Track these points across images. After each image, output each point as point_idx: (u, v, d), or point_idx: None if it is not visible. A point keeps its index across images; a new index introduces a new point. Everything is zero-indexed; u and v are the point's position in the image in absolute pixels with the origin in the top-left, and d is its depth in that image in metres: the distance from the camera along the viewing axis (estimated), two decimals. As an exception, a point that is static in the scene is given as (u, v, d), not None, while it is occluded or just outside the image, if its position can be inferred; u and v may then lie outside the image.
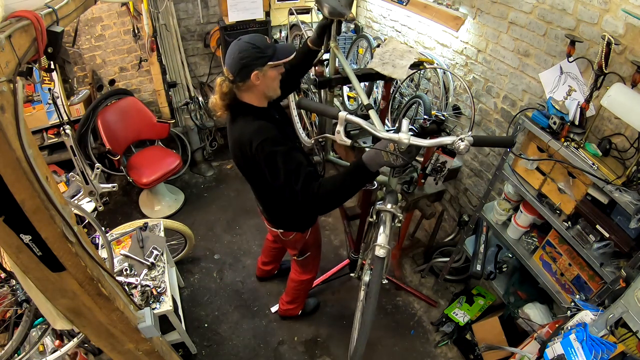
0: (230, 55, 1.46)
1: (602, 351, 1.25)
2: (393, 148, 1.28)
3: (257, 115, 1.53)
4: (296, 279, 2.26)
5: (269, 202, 1.82)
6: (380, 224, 1.44)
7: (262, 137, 1.43)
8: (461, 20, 2.26)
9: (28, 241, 0.87)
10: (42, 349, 1.60)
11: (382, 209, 1.46)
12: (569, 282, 1.76)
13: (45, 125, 2.94)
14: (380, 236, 1.40)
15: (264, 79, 1.48)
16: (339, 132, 1.29)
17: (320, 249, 2.23)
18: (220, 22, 3.17)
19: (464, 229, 2.29)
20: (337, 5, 1.75)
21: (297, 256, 2.12)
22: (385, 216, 1.44)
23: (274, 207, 1.83)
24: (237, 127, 1.53)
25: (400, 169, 1.47)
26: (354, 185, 1.40)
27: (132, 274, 1.96)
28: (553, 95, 1.80)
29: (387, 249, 1.37)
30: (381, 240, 1.38)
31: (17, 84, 0.74)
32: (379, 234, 1.41)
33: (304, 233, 1.95)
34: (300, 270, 2.22)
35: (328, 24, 1.84)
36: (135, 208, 3.30)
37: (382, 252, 1.37)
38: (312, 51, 1.86)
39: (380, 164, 1.33)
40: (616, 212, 1.49)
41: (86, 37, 3.02)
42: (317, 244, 2.16)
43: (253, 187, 1.76)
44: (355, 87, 1.85)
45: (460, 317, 2.42)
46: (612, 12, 1.52)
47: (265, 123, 1.49)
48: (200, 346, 2.35)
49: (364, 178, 1.37)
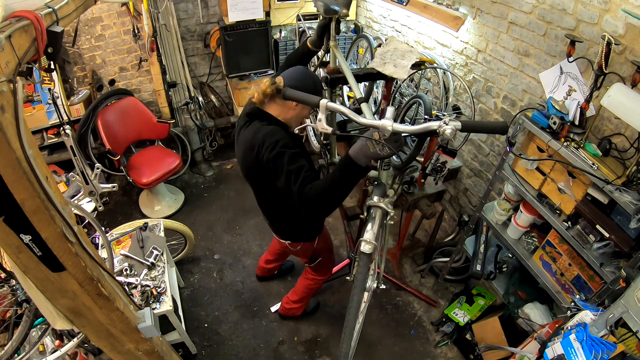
0: (301, 75, 1.55)
1: (602, 351, 1.25)
2: (378, 137, 1.23)
3: (273, 122, 1.56)
4: (311, 278, 2.23)
5: (275, 213, 1.81)
6: (369, 220, 1.39)
7: (275, 139, 1.44)
8: (461, 20, 2.26)
9: (28, 241, 0.87)
10: (42, 349, 1.60)
11: (371, 204, 1.41)
12: (569, 282, 1.76)
13: (45, 125, 2.94)
14: (367, 232, 1.34)
15: (299, 110, 1.57)
16: (320, 120, 1.28)
17: (332, 252, 2.20)
18: (220, 22, 3.18)
19: (464, 229, 2.29)
20: (330, 2, 1.75)
21: (308, 263, 2.10)
22: (375, 212, 1.40)
23: (280, 218, 1.82)
24: (251, 129, 1.54)
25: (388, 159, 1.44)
26: (345, 183, 1.33)
27: (132, 274, 1.96)
28: (553, 95, 1.80)
29: (373, 244, 1.31)
30: (367, 236, 1.33)
31: (17, 84, 0.74)
32: (366, 230, 1.36)
33: (312, 242, 1.92)
34: (313, 274, 2.21)
35: (327, 24, 1.84)
36: (135, 208, 3.30)
37: (368, 247, 1.31)
38: (310, 52, 1.87)
39: (367, 155, 1.27)
40: (616, 212, 1.49)
41: (86, 37, 3.02)
42: (327, 249, 2.13)
43: (259, 196, 1.75)
44: (350, 83, 1.84)
45: (460, 317, 2.42)
46: (612, 12, 1.52)
47: (279, 129, 1.52)
48: (200, 346, 2.35)
49: (354, 174, 1.31)
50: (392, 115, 1.23)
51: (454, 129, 1.14)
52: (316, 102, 1.29)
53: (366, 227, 1.37)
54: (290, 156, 1.41)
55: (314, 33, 1.85)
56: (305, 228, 1.86)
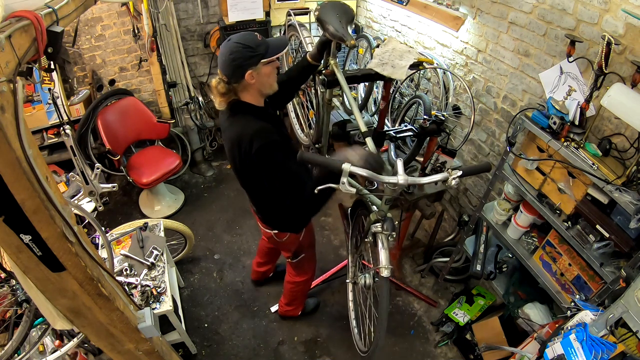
0: (222, 57, 1.45)
1: (602, 351, 1.25)
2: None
3: (257, 115, 1.53)
4: (291, 281, 2.26)
5: (263, 203, 1.82)
6: (379, 244, 1.54)
7: (264, 141, 1.44)
8: (461, 20, 2.26)
9: (28, 241, 0.87)
10: (42, 349, 1.60)
11: (377, 232, 1.55)
12: (569, 282, 1.76)
13: (45, 125, 2.94)
14: (382, 259, 1.50)
15: (258, 77, 1.47)
16: (343, 182, 1.32)
17: (314, 250, 2.22)
18: (220, 22, 3.18)
19: (464, 229, 2.29)
20: (339, 27, 1.74)
21: (291, 258, 2.11)
22: (382, 237, 1.55)
23: (268, 207, 1.83)
24: (236, 124, 1.53)
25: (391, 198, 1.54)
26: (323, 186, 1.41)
27: (132, 274, 1.96)
28: (553, 95, 1.80)
29: (390, 268, 1.49)
30: (384, 262, 1.50)
31: (17, 84, 0.74)
32: (380, 256, 1.51)
33: (298, 234, 1.95)
34: (294, 273, 2.22)
35: (328, 41, 1.84)
36: (135, 208, 3.30)
37: (387, 272, 1.49)
38: (311, 65, 1.87)
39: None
40: (616, 212, 1.49)
41: (86, 37, 3.02)
42: (311, 245, 2.16)
43: (247, 187, 1.75)
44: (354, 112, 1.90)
45: (460, 317, 2.42)
46: (612, 12, 1.52)
47: (266, 125, 1.50)
48: (200, 346, 2.35)
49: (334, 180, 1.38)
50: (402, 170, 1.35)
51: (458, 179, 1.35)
52: (338, 167, 1.31)
53: (380, 254, 1.53)
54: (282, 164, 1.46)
55: (314, 47, 1.85)
56: (294, 218, 1.87)
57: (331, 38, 1.78)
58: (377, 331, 1.59)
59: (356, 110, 1.89)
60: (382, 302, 1.53)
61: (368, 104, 2.96)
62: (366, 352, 1.82)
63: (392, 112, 2.88)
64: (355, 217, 2.13)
